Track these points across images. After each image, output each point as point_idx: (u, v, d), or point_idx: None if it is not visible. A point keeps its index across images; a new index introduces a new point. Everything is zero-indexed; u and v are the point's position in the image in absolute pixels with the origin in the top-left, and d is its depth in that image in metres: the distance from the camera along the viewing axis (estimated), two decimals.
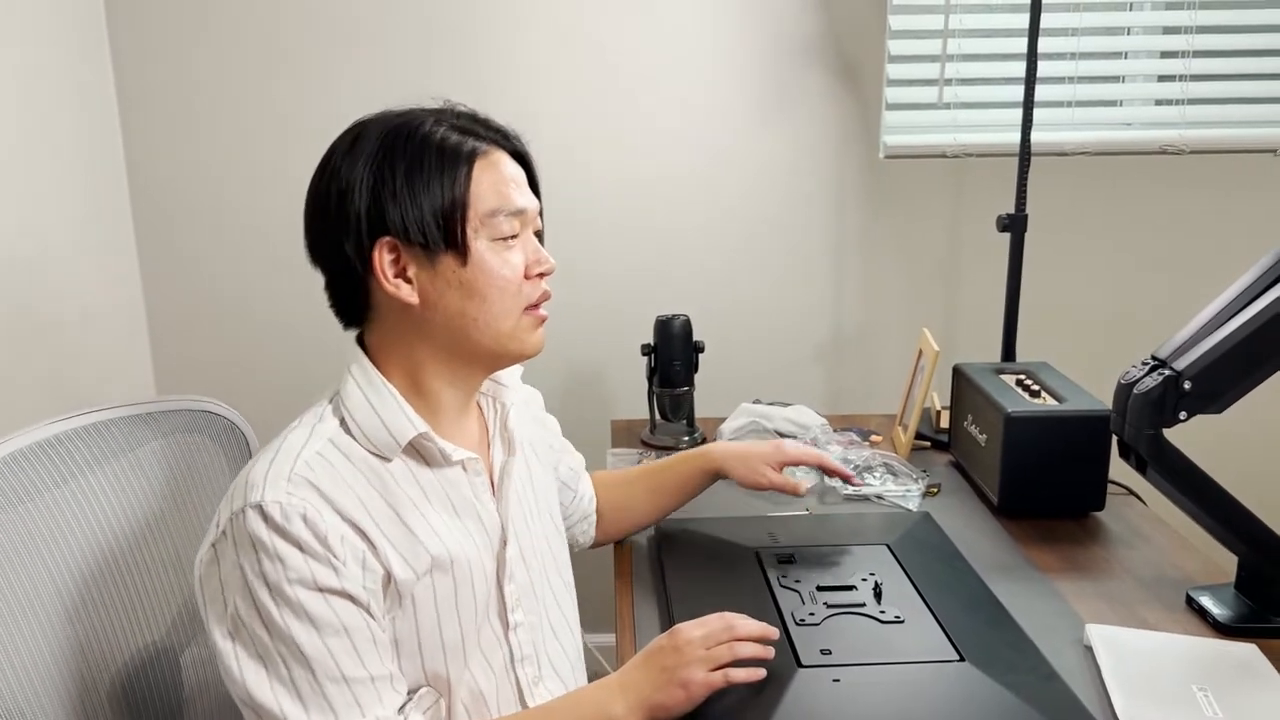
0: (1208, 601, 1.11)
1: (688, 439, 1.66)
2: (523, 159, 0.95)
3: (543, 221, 0.97)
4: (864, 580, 1.11)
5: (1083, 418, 1.32)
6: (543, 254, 0.94)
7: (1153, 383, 1.04)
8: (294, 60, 1.90)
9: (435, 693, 0.89)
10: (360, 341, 0.94)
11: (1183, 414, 1.03)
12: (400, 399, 0.90)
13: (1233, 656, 1.01)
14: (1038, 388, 1.42)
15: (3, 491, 0.93)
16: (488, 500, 0.95)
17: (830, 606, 1.05)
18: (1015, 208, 1.66)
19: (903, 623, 1.02)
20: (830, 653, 0.97)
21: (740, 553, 1.19)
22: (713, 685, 0.88)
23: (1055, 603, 1.14)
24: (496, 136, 0.93)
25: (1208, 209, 2.01)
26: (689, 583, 1.15)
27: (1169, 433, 1.05)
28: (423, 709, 0.87)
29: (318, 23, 1.88)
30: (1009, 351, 1.70)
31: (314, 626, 0.80)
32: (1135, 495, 1.43)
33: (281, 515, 0.80)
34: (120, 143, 1.92)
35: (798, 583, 1.11)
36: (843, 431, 1.63)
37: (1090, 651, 1.03)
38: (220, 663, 0.81)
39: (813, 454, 1.27)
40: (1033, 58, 1.61)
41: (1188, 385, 1.02)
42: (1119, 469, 1.22)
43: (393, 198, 0.86)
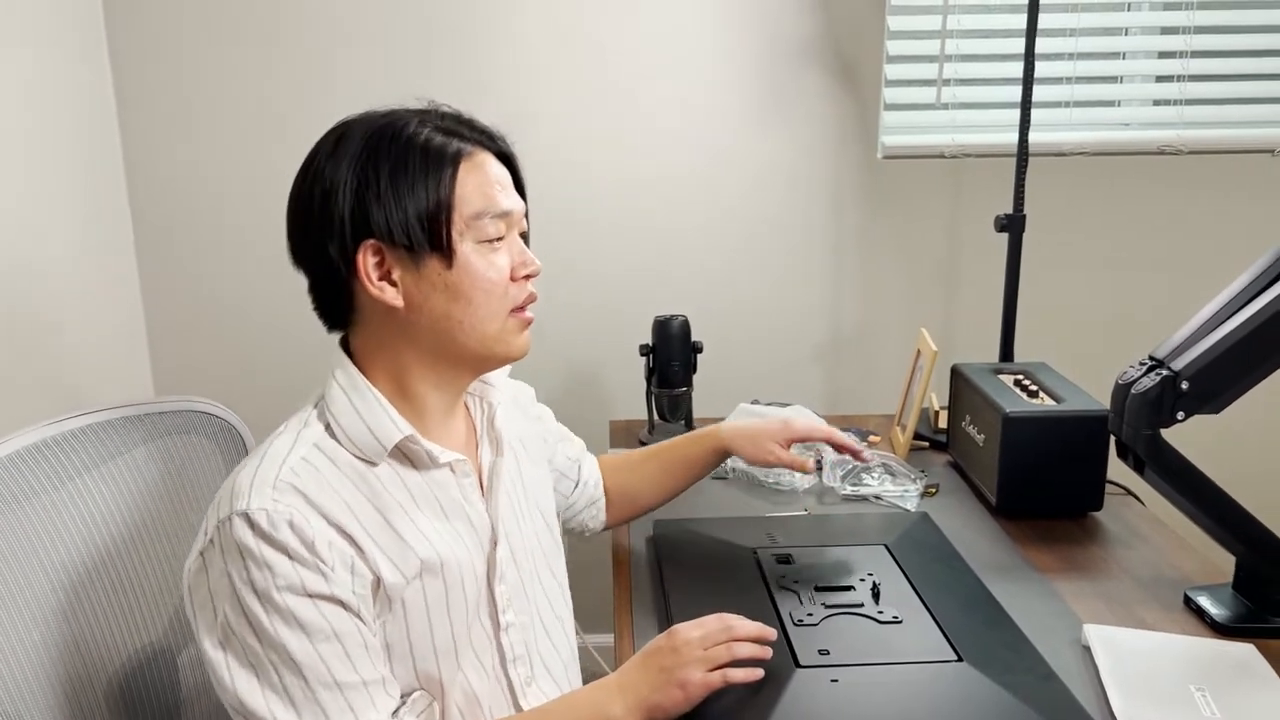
0: (1205, 601, 1.12)
1: None
2: (508, 160, 0.94)
3: (528, 223, 0.96)
4: (862, 580, 1.11)
5: (1081, 418, 1.32)
6: (528, 255, 0.93)
7: (1150, 383, 1.04)
8: (293, 61, 1.90)
9: (429, 696, 0.89)
10: (345, 344, 0.94)
11: (1180, 414, 1.03)
12: (385, 402, 0.89)
13: (1230, 656, 1.01)
14: (1036, 388, 1.42)
15: (0, 493, 0.93)
16: (477, 501, 0.95)
17: (828, 607, 1.05)
18: (1013, 208, 1.66)
19: (901, 623, 1.03)
20: (828, 653, 0.97)
21: (738, 553, 1.19)
22: (711, 685, 0.87)
23: (1053, 603, 1.14)
24: (481, 137, 0.92)
25: (1206, 209, 2.01)
26: (687, 583, 1.15)
27: (1167, 433, 1.05)
28: (416, 712, 0.87)
29: (317, 23, 1.88)
30: (1007, 352, 1.70)
31: (304, 633, 0.80)
32: (1133, 495, 1.43)
33: (268, 522, 0.79)
34: (119, 144, 1.92)
35: (796, 583, 1.11)
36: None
37: (1088, 651, 1.03)
38: (211, 672, 0.81)
39: (821, 429, 1.26)
40: (1031, 58, 1.61)
41: (1185, 385, 1.02)
42: (1117, 469, 1.22)
43: (377, 200, 0.85)
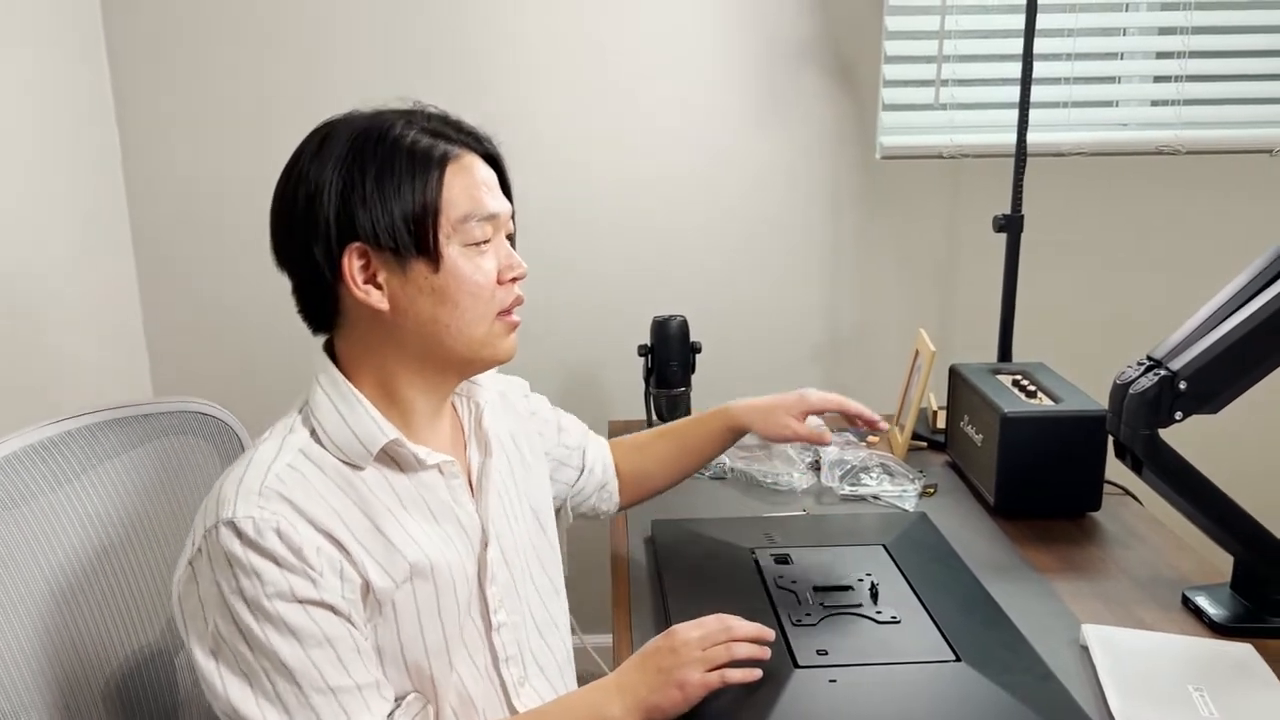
0: (1203, 601, 1.12)
1: None
2: (494, 161, 0.94)
3: (515, 225, 0.95)
4: (860, 581, 1.11)
5: (1079, 418, 1.32)
6: (515, 258, 0.92)
7: (1148, 383, 1.04)
8: (292, 62, 1.90)
9: (423, 698, 0.89)
10: (330, 347, 0.93)
11: (1178, 414, 1.03)
12: (369, 406, 0.88)
13: (1228, 656, 1.01)
14: (1034, 388, 1.42)
15: None
16: (467, 502, 0.94)
17: (827, 607, 1.05)
18: (1011, 208, 1.66)
19: (899, 623, 1.03)
20: (827, 653, 0.97)
21: (737, 553, 1.19)
22: (709, 686, 0.87)
23: (1051, 603, 1.14)
24: (468, 139, 0.91)
25: (1204, 209, 2.01)
26: (685, 584, 1.15)
27: (1165, 433, 1.05)
28: (411, 715, 0.87)
29: (316, 23, 1.88)
30: (1005, 352, 1.70)
31: (296, 639, 0.79)
32: (1131, 495, 1.43)
33: (255, 530, 0.79)
34: (117, 145, 1.91)
35: (794, 583, 1.11)
36: (839, 432, 1.63)
37: (1086, 651, 1.03)
38: (203, 681, 0.81)
39: (834, 399, 1.26)
40: (1029, 58, 1.61)
41: (1183, 385, 1.02)
42: (1115, 469, 1.22)
43: (362, 203, 0.84)
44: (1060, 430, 1.32)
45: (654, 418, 1.70)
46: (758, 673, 0.90)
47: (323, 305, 0.90)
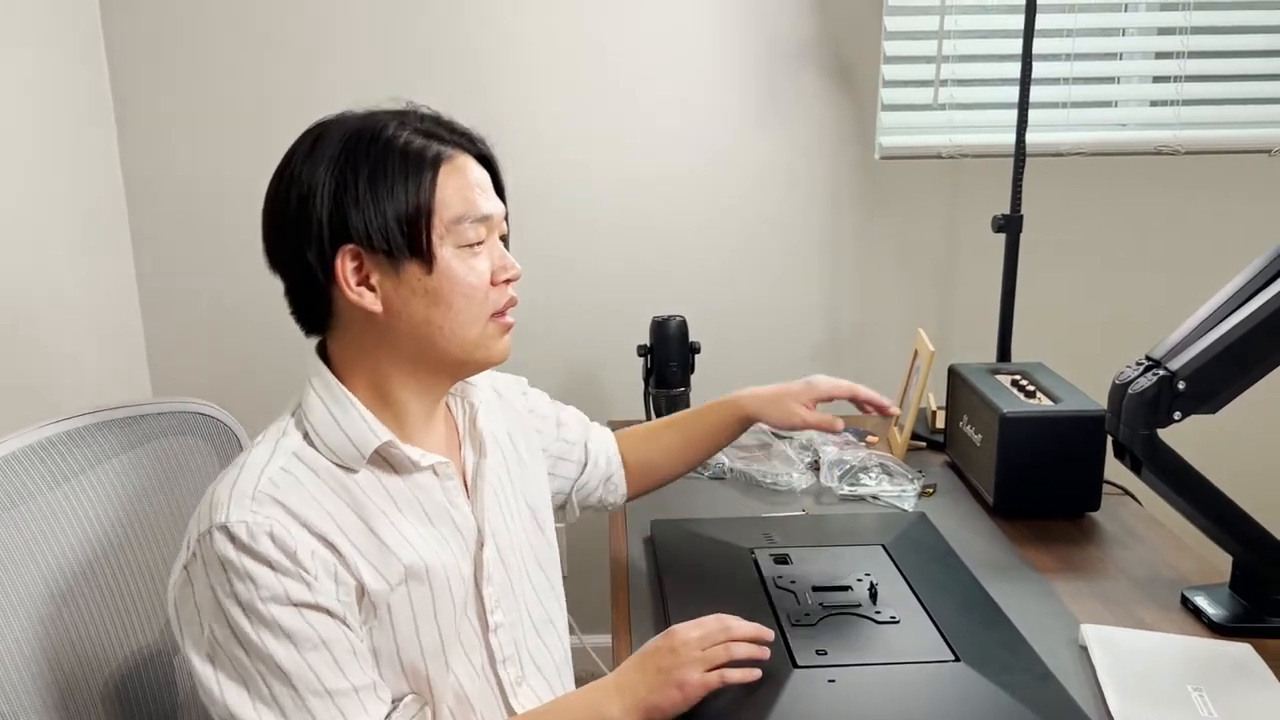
0: (1203, 601, 1.12)
1: None
2: (488, 162, 0.93)
3: (508, 225, 0.95)
4: (859, 581, 1.11)
5: (1078, 418, 1.32)
6: (509, 260, 0.92)
7: (1147, 383, 1.04)
8: (291, 62, 1.89)
9: (420, 700, 0.89)
10: (323, 349, 0.93)
11: (1177, 414, 1.03)
12: (362, 409, 0.88)
13: (1228, 656, 1.01)
14: (1033, 388, 1.42)
15: None
16: (462, 503, 0.94)
17: (826, 607, 1.05)
18: (1010, 208, 1.66)
19: (898, 623, 1.03)
20: (826, 653, 0.97)
21: (736, 553, 1.19)
22: (708, 686, 0.87)
23: (1050, 603, 1.14)
24: (461, 140, 0.90)
25: (1203, 209, 2.01)
26: (685, 583, 1.15)
27: (1164, 433, 1.05)
28: (408, 717, 0.87)
29: (316, 24, 1.88)
30: (1004, 352, 1.70)
31: (291, 642, 0.79)
32: (1130, 495, 1.43)
33: (248, 534, 0.79)
34: (116, 145, 1.91)
35: (793, 583, 1.11)
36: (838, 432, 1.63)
37: (1085, 651, 1.03)
38: (200, 686, 0.80)
39: (844, 385, 1.24)
40: (1028, 59, 1.61)
41: (1182, 385, 1.02)
42: (1114, 469, 1.22)
43: (355, 204, 0.84)
44: (1059, 430, 1.32)
45: (653, 418, 1.70)
46: (757, 673, 0.90)
47: (315, 307, 0.89)
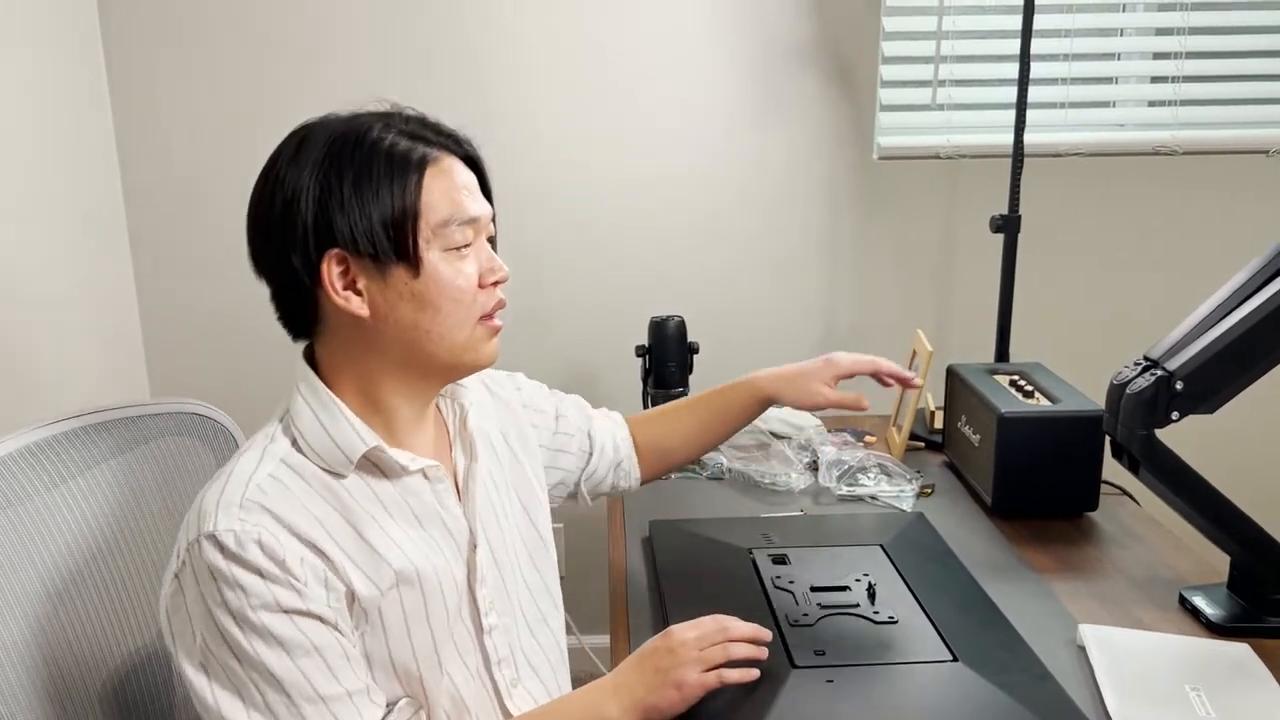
0: (1201, 601, 1.12)
1: None
2: (475, 163, 0.92)
3: (495, 227, 0.94)
4: (858, 581, 1.11)
5: (1076, 418, 1.32)
6: (496, 262, 0.91)
7: (1145, 383, 1.04)
8: (290, 62, 1.89)
9: (414, 703, 0.88)
10: (310, 354, 0.92)
11: (1175, 414, 1.04)
12: (349, 414, 0.87)
13: (1226, 656, 1.01)
14: (1031, 388, 1.42)
15: None
16: (453, 506, 0.93)
17: (824, 607, 1.05)
18: (1008, 209, 1.66)
19: (896, 623, 1.03)
20: (824, 653, 0.97)
21: (734, 553, 1.19)
22: (706, 686, 0.87)
23: (1048, 603, 1.14)
24: (447, 142, 0.90)
25: (1201, 210, 2.01)
26: (683, 584, 1.15)
27: (1161, 432, 1.05)
28: None
29: (315, 24, 1.88)
30: (1002, 352, 1.70)
31: (283, 649, 0.79)
32: (1128, 495, 1.43)
33: (236, 543, 0.78)
34: (115, 147, 1.91)
35: (791, 583, 1.11)
36: (837, 432, 1.63)
37: (1083, 651, 1.03)
38: (194, 696, 0.80)
39: (865, 360, 1.23)
40: (1026, 59, 1.61)
41: (1180, 386, 1.02)
42: (1112, 469, 1.22)
43: (340, 208, 0.83)
44: (1057, 430, 1.32)
45: None
46: (755, 673, 0.90)
47: (302, 312, 0.89)
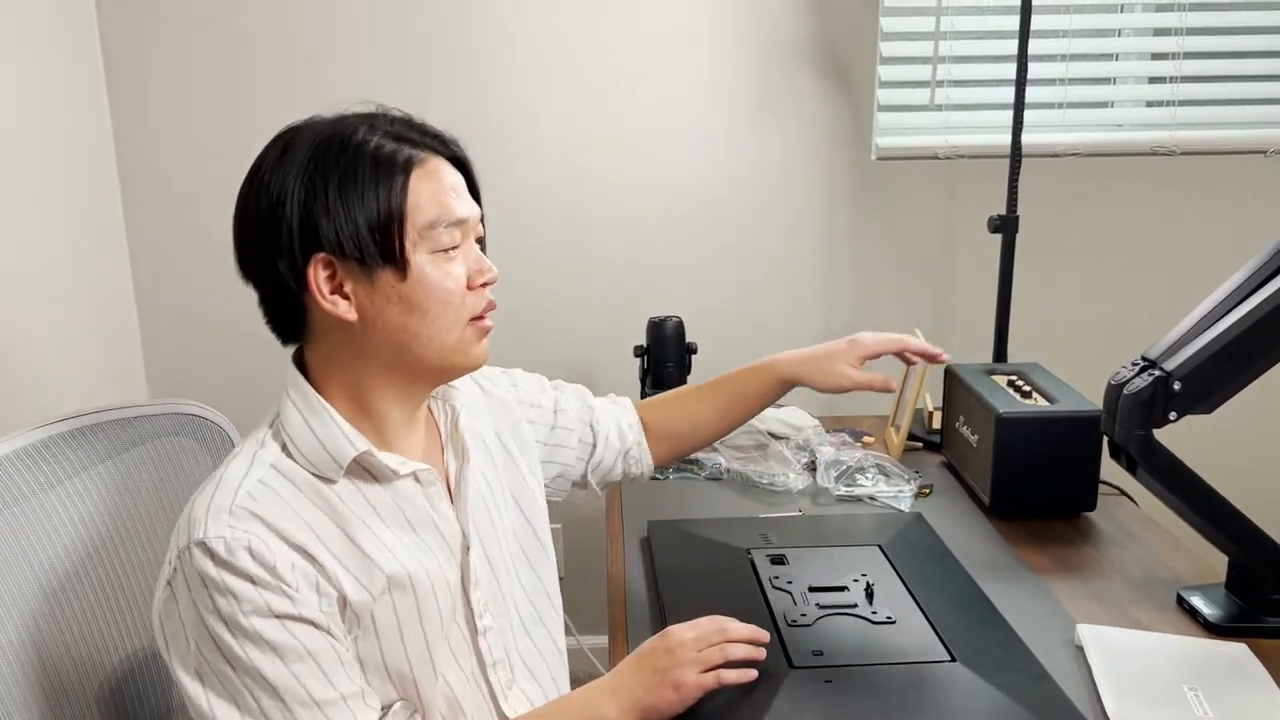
0: (1198, 601, 1.12)
1: None
2: (462, 164, 0.92)
3: (484, 228, 0.93)
4: (856, 581, 1.11)
5: (1073, 418, 1.32)
6: (485, 263, 0.90)
7: (1142, 383, 1.04)
8: (290, 63, 1.89)
9: (409, 707, 0.88)
10: (300, 358, 0.91)
11: (1172, 414, 1.04)
12: (339, 418, 0.87)
13: (1224, 656, 1.01)
14: (1029, 388, 1.42)
15: None
16: (445, 509, 0.93)
17: (822, 607, 1.05)
18: (1006, 209, 1.66)
19: (894, 623, 1.03)
20: (822, 654, 0.97)
21: (732, 554, 1.19)
22: (704, 686, 0.87)
23: (1046, 603, 1.14)
24: (433, 143, 0.89)
25: (1198, 210, 2.01)
26: (681, 584, 1.15)
27: (1159, 432, 1.05)
28: None
29: (314, 24, 1.88)
30: (1000, 352, 1.70)
31: (277, 654, 0.79)
32: (1126, 495, 1.43)
33: (226, 550, 0.78)
34: (113, 148, 1.91)
35: (790, 584, 1.11)
36: (835, 433, 1.63)
37: (1081, 651, 1.03)
38: (189, 701, 0.80)
39: (892, 340, 1.20)
40: (1024, 59, 1.61)
41: (1177, 386, 1.02)
42: (1110, 469, 1.22)
43: (325, 211, 0.82)
44: (1055, 431, 1.32)
45: None
46: (753, 673, 0.90)
47: (290, 317, 0.88)
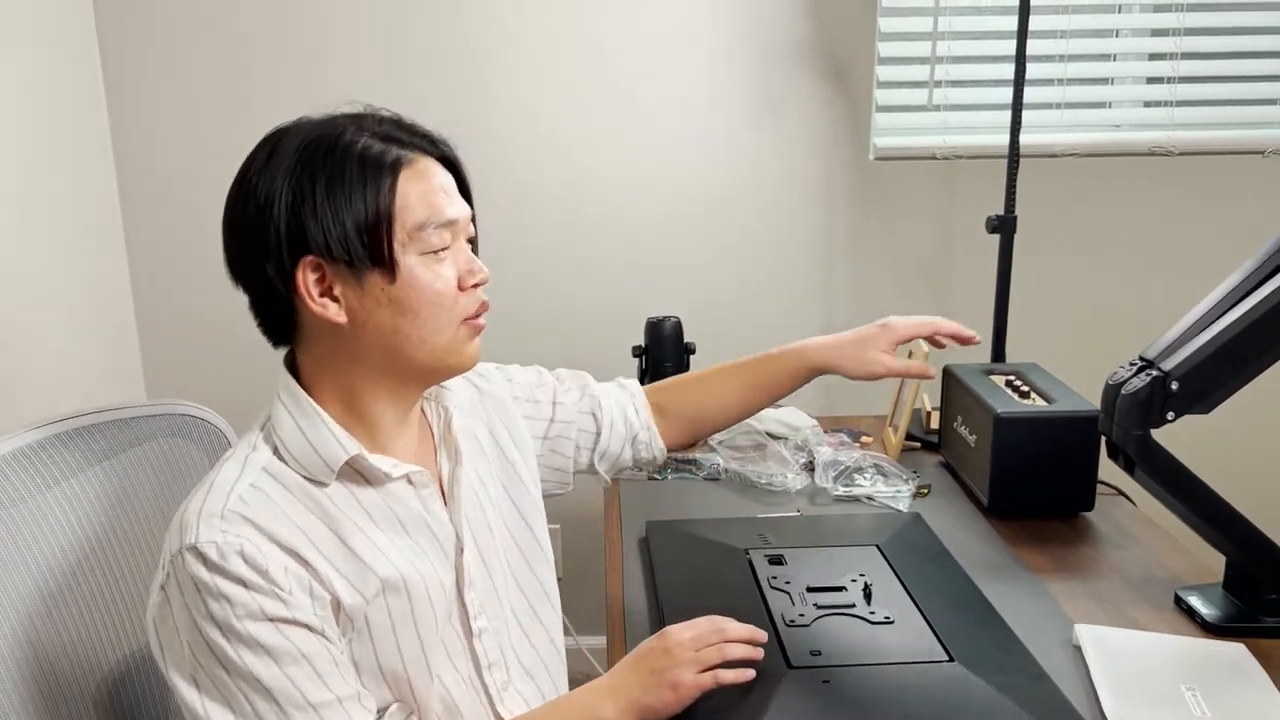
0: (1196, 601, 1.12)
1: None
2: (452, 165, 0.91)
3: (475, 228, 0.92)
4: (854, 581, 1.11)
5: (1071, 418, 1.32)
6: (476, 264, 0.89)
7: (1140, 383, 1.04)
8: (289, 62, 1.89)
9: (405, 708, 0.88)
10: (291, 360, 0.91)
11: (1170, 414, 1.04)
12: (330, 421, 0.86)
13: (1221, 656, 1.01)
14: (1027, 388, 1.42)
15: None
16: (439, 511, 0.92)
17: (820, 608, 1.05)
18: (1004, 209, 1.66)
19: (892, 623, 1.03)
20: (820, 654, 0.97)
21: (730, 554, 1.19)
22: (702, 686, 0.87)
23: (1044, 603, 1.14)
24: (422, 143, 0.88)
25: (1196, 210, 2.01)
26: (679, 584, 1.15)
27: (1157, 432, 1.05)
28: None
29: (314, 24, 1.87)
30: (998, 352, 1.70)
31: (271, 658, 0.79)
32: (1124, 495, 1.43)
33: (218, 555, 0.78)
34: (111, 148, 1.91)
35: (788, 584, 1.11)
36: (833, 433, 1.63)
37: (1079, 651, 1.03)
38: (184, 706, 0.80)
39: (925, 323, 1.16)
40: (1022, 60, 1.62)
41: (1175, 386, 1.02)
42: (1108, 469, 1.22)
43: (313, 214, 0.82)
44: (1053, 431, 1.32)
45: None
46: (751, 673, 0.90)
47: (280, 320, 0.88)
